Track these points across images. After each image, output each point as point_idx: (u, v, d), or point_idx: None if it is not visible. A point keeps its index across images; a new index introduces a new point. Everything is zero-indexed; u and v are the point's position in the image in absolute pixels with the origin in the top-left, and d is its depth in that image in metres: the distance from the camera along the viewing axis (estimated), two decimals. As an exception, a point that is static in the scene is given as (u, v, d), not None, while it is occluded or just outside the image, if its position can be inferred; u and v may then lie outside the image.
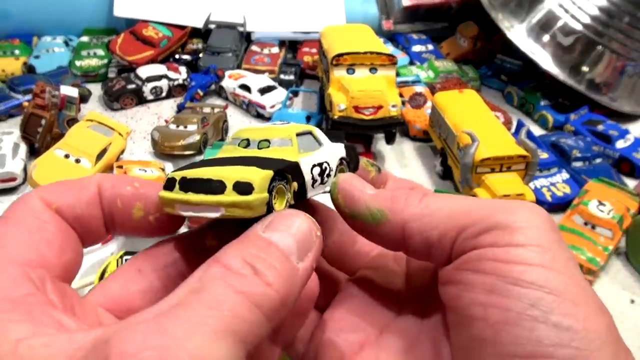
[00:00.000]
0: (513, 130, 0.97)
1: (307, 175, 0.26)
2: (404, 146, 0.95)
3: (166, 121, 0.92)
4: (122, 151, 0.84)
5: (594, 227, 0.70)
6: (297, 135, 0.27)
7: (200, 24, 1.18)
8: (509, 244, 0.22)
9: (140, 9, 1.18)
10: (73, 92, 0.91)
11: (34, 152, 0.84)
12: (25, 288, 0.20)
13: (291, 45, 1.24)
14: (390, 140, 0.86)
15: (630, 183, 0.83)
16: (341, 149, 0.30)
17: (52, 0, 1.18)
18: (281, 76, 1.10)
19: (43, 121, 0.81)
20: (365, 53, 0.83)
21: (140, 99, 1.02)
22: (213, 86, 1.06)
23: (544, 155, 0.84)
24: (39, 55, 1.11)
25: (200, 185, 0.23)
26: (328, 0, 1.26)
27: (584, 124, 0.96)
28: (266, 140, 0.26)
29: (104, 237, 0.26)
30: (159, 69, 1.05)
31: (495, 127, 0.79)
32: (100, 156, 0.78)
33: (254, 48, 1.17)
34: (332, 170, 0.28)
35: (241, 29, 1.19)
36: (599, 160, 0.86)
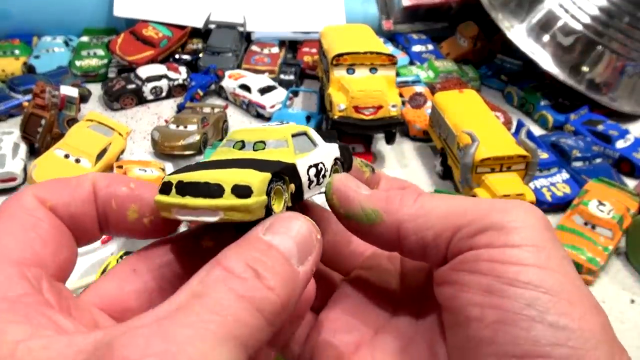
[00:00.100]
0: (513, 130, 0.96)
1: (304, 177, 0.26)
2: (404, 146, 0.95)
3: (166, 121, 0.92)
4: (122, 151, 0.84)
5: (594, 227, 0.70)
6: (292, 136, 0.27)
7: (200, 24, 1.18)
8: (505, 245, 0.22)
9: (140, 9, 1.18)
10: (73, 92, 0.91)
11: (34, 152, 0.84)
12: (22, 288, 0.20)
13: (291, 45, 1.24)
14: (390, 140, 0.86)
15: (630, 183, 0.83)
16: (335, 149, 0.29)
17: (52, 0, 1.18)
18: (281, 76, 1.10)
19: (43, 121, 0.81)
20: (365, 53, 0.83)
21: (140, 99, 1.02)
22: (213, 86, 1.06)
23: (544, 155, 0.83)
24: (39, 55, 1.11)
25: (198, 188, 0.22)
26: (328, 0, 1.26)
27: (584, 124, 0.96)
28: (261, 142, 0.26)
29: (98, 237, 0.26)
30: (159, 69, 1.05)
31: (495, 127, 0.79)
32: (100, 156, 0.79)
33: (254, 48, 1.17)
34: (328, 170, 0.28)
35: (241, 29, 1.18)
36: (599, 160, 0.86)
